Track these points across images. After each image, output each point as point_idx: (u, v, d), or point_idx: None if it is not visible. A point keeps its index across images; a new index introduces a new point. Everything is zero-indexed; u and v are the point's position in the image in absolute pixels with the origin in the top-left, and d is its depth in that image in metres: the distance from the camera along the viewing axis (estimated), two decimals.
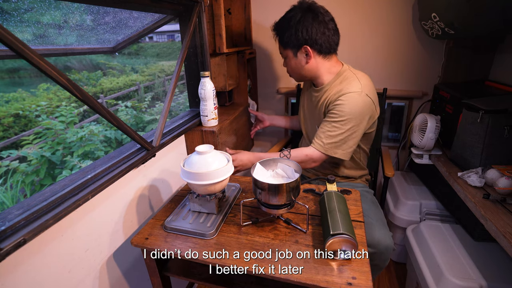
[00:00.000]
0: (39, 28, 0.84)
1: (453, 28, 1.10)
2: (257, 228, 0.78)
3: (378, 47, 1.52)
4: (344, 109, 0.96)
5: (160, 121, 0.99)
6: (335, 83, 1.04)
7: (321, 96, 1.07)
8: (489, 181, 0.96)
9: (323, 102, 1.05)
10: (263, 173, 0.80)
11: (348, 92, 0.96)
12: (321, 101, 1.06)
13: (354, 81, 0.99)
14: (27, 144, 3.10)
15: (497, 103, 0.98)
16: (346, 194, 0.92)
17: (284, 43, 1.04)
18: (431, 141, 1.18)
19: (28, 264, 0.59)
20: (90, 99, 0.67)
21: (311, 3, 1.01)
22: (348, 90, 0.97)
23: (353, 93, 0.96)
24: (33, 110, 3.76)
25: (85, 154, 3.13)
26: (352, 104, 0.95)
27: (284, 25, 1.02)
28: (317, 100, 1.10)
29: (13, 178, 2.67)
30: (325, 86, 1.06)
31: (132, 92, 6.30)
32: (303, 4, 1.01)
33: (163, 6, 0.97)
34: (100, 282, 0.80)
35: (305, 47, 1.00)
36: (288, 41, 1.02)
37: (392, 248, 0.92)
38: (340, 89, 0.99)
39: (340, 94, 0.98)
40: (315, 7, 0.99)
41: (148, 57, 9.54)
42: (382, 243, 0.90)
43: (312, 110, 1.15)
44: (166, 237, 0.76)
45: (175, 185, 1.16)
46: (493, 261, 0.99)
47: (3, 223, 0.55)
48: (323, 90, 1.07)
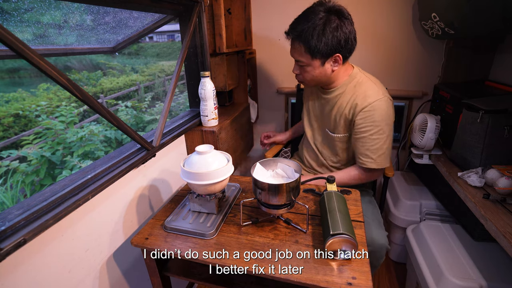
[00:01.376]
0: (39, 28, 0.84)
1: (453, 28, 1.10)
2: (257, 228, 0.78)
3: (378, 47, 1.52)
4: (376, 119, 0.94)
5: (160, 121, 0.99)
6: (349, 86, 1.00)
7: (335, 99, 1.03)
8: (489, 181, 0.96)
9: (340, 107, 1.01)
10: (263, 173, 0.80)
11: (373, 102, 0.94)
12: (337, 105, 1.02)
13: (371, 86, 0.97)
14: (27, 144, 3.10)
15: (497, 103, 0.98)
16: (346, 194, 0.93)
17: (313, 52, 0.91)
18: (431, 141, 1.18)
19: (28, 264, 0.59)
20: (90, 99, 0.67)
21: (339, 6, 0.90)
22: (371, 99, 0.94)
23: (377, 100, 0.94)
24: (33, 110, 3.75)
25: (85, 154, 3.13)
26: (381, 111, 0.94)
27: (315, 33, 0.88)
28: (330, 104, 1.05)
29: (13, 178, 2.67)
30: (338, 88, 1.02)
31: (132, 92, 6.30)
32: (332, 8, 0.89)
33: (163, 6, 0.97)
34: (100, 282, 0.80)
35: (337, 56, 0.92)
36: (319, 50, 0.90)
37: (387, 247, 0.93)
38: (357, 95, 0.97)
39: (364, 105, 0.95)
40: (344, 10, 0.90)
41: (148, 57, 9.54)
42: (377, 242, 0.91)
43: (322, 113, 1.11)
44: (166, 237, 0.76)
45: (175, 185, 1.16)
46: (493, 261, 0.99)
47: (3, 223, 0.55)
48: (335, 93, 1.03)
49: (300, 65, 0.98)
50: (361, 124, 0.97)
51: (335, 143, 1.08)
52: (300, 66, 0.99)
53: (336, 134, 1.06)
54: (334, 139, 1.08)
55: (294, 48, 0.97)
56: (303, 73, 1.00)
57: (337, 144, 1.08)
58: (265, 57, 1.71)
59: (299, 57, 0.96)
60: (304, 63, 0.96)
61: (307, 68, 0.97)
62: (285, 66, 1.69)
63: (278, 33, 1.63)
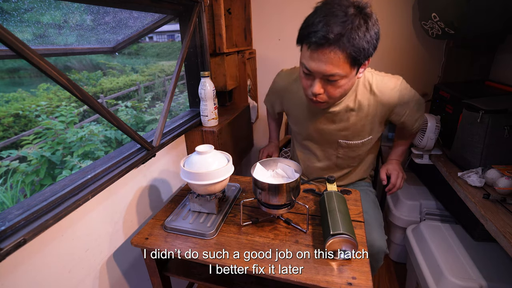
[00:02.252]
0: (39, 28, 0.84)
1: (453, 28, 1.10)
2: (257, 228, 0.78)
3: (378, 47, 1.52)
4: (408, 93, 0.92)
5: (160, 121, 0.98)
6: (359, 89, 0.89)
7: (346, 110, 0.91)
8: (489, 181, 0.96)
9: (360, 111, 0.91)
10: (263, 173, 0.80)
11: (399, 85, 0.89)
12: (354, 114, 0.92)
13: (381, 78, 0.90)
14: (27, 144, 3.10)
15: (497, 103, 0.98)
16: (346, 194, 0.93)
17: (355, 58, 0.72)
18: (431, 141, 1.18)
19: (28, 264, 0.59)
20: (90, 99, 0.67)
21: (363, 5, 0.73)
22: (393, 85, 0.88)
23: (401, 83, 0.90)
24: (33, 110, 3.75)
25: (85, 154, 3.13)
26: (407, 87, 0.93)
27: (360, 31, 0.70)
28: (340, 116, 0.93)
29: (13, 178, 2.67)
30: (347, 97, 0.89)
31: (132, 92, 6.30)
32: (362, 10, 0.72)
33: (163, 6, 0.97)
34: (100, 282, 0.80)
35: (369, 60, 0.78)
36: (364, 53, 0.73)
37: (385, 251, 0.91)
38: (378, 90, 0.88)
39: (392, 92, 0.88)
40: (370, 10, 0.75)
41: (148, 57, 9.54)
42: (375, 245, 0.88)
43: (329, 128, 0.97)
44: (166, 237, 0.76)
45: (175, 185, 1.16)
46: (493, 261, 0.99)
47: (3, 223, 0.55)
48: (344, 103, 0.90)
49: (331, 79, 0.75)
50: (400, 107, 0.92)
51: (354, 149, 1.01)
52: (328, 81, 0.76)
53: (356, 141, 0.98)
54: (354, 145, 1.00)
55: (326, 58, 0.71)
56: (333, 90, 0.78)
57: (357, 148, 1.01)
58: (265, 57, 1.71)
59: (333, 70, 0.72)
60: (339, 76, 0.74)
61: (340, 82, 0.75)
62: (285, 66, 1.69)
63: (278, 33, 1.62)
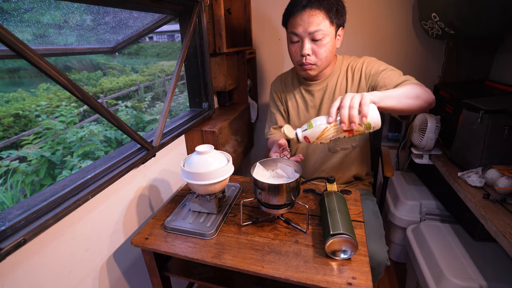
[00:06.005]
0: (39, 28, 0.84)
1: (453, 28, 1.10)
2: (257, 228, 0.78)
3: (378, 47, 1.52)
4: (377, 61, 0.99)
5: (160, 121, 0.98)
6: (341, 70, 1.01)
7: (325, 88, 1.02)
8: (489, 181, 0.96)
9: (341, 85, 1.01)
10: (263, 173, 0.80)
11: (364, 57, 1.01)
12: (336, 87, 1.01)
13: (356, 57, 1.02)
14: (27, 144, 3.11)
15: (497, 103, 0.98)
16: (346, 194, 0.93)
17: (333, 15, 0.87)
18: (431, 141, 1.18)
19: (28, 264, 0.59)
20: (90, 99, 0.67)
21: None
22: (363, 59, 1.00)
23: (366, 57, 1.01)
24: (33, 110, 3.76)
25: (85, 154, 3.13)
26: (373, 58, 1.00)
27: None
28: (319, 94, 1.03)
29: (13, 178, 2.67)
30: (328, 77, 1.01)
31: (132, 92, 6.30)
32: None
33: (163, 6, 0.97)
34: (100, 282, 0.80)
35: (342, 29, 0.93)
36: (337, 15, 0.88)
37: (386, 264, 0.85)
38: (350, 65, 1.00)
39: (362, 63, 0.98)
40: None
41: (148, 57, 9.55)
42: (375, 258, 0.83)
43: (312, 107, 1.06)
44: (166, 237, 0.76)
45: (175, 185, 1.16)
46: (493, 261, 0.99)
47: (3, 223, 0.55)
48: (325, 82, 1.02)
49: (316, 38, 0.88)
50: (373, 70, 0.96)
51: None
52: (315, 41, 0.89)
53: None
54: None
55: (309, 17, 0.86)
56: (319, 49, 0.90)
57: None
58: (265, 57, 1.71)
59: (317, 26, 0.86)
60: (324, 33, 0.87)
61: (324, 41, 0.88)
62: (285, 66, 1.69)
63: (278, 33, 1.63)
